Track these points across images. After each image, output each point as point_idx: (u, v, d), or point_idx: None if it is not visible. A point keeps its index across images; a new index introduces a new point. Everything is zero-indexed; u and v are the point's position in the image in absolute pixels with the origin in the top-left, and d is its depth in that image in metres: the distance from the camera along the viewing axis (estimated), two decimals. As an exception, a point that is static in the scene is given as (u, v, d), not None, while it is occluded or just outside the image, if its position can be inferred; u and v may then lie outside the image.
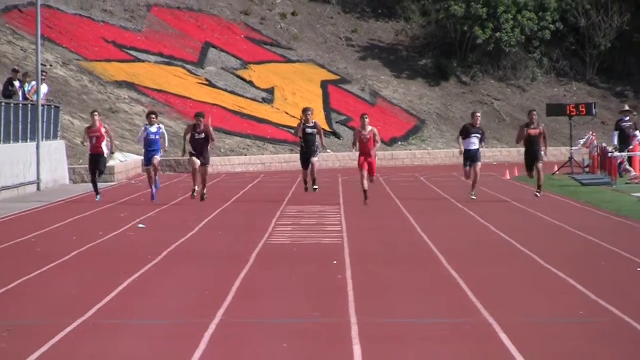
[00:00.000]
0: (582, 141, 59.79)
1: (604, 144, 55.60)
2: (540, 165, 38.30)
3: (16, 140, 47.06)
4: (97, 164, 41.12)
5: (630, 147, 52.11)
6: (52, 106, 54.71)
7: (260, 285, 21.50)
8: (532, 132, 37.75)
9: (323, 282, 21.73)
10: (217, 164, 65.15)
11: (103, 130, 40.93)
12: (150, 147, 39.70)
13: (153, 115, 40.45)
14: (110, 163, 57.72)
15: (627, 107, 61.28)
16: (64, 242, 28.32)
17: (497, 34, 79.03)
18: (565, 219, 33.01)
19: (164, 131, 40.65)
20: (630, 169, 50.55)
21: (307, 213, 35.43)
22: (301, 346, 15.74)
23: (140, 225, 32.62)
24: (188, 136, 38.38)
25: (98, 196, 41.17)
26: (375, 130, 38.09)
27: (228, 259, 25.02)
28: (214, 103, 72.21)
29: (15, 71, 54.64)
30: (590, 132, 61.47)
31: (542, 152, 38.23)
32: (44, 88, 53.09)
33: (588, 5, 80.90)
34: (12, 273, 22.79)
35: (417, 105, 78.01)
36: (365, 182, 37.74)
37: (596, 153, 55.68)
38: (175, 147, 61.91)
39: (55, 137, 55.11)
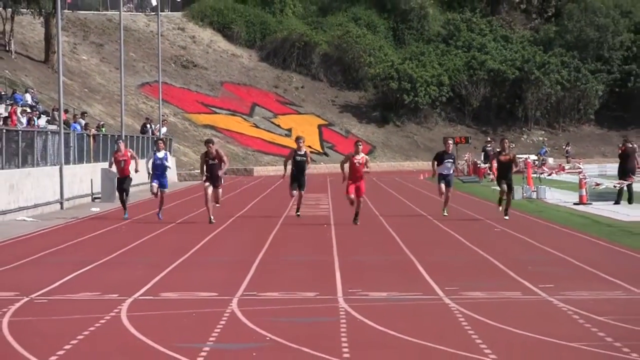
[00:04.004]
0: (465, 157, 60.02)
1: (475, 159, 56.30)
2: (511, 195, 25.72)
3: (144, 158, 47.26)
4: (123, 185, 27.72)
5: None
6: (168, 139, 54.79)
7: (283, 239, 21.50)
8: (504, 158, 25.45)
9: (318, 237, 21.72)
10: (261, 171, 65.12)
11: (129, 154, 28.01)
12: (156, 170, 26.76)
13: (161, 142, 27.65)
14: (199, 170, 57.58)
15: (489, 139, 61.92)
16: (172, 215, 28.29)
17: (416, 98, 78.92)
18: (455, 202, 32.99)
19: (169, 159, 27.84)
20: (491, 173, 50.59)
21: (309, 198, 35.40)
22: (306, 273, 15.76)
23: (217, 205, 32.55)
24: (203, 165, 25.26)
25: (126, 214, 27.26)
26: (367, 157, 24.86)
27: (265, 224, 24.97)
28: (258, 137, 72.33)
29: (147, 119, 54.79)
30: (468, 153, 61.66)
31: (511, 175, 25.76)
32: (164, 129, 53.22)
33: (466, 82, 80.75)
34: (142, 233, 22.79)
35: (371, 138, 77.80)
36: (354, 200, 24.40)
37: (471, 164, 56.59)
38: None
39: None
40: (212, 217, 24.91)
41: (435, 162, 26.50)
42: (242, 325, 11.05)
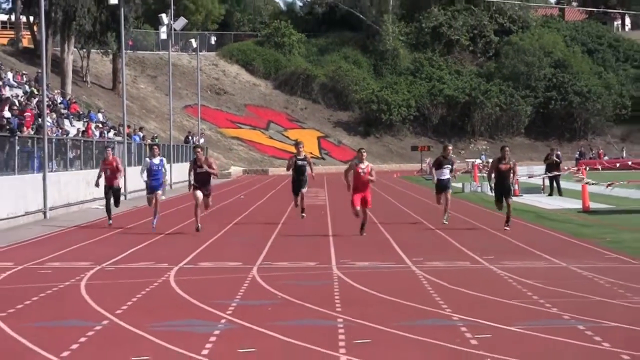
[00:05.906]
0: (427, 160, 59.84)
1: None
2: (510, 200, 18.25)
3: (187, 161, 47.03)
4: (113, 195, 20.48)
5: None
6: (205, 147, 54.56)
7: (289, 223, 21.42)
8: (503, 167, 17.99)
9: (317, 221, 21.66)
10: (274, 172, 64.93)
11: (116, 164, 20.30)
12: (152, 177, 19.44)
13: (156, 148, 20.17)
14: (229, 170, 57.31)
15: (450, 148, 61.38)
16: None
17: (390, 117, 78.78)
18: (425, 196, 32.91)
19: (165, 165, 20.02)
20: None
21: (310, 192, 35.25)
22: (309, 248, 15.71)
23: (242, 197, 32.51)
24: (192, 172, 18.52)
25: (110, 221, 20.54)
26: (372, 165, 18.08)
27: (275, 214, 24.89)
28: (272, 145, 72.22)
29: (189, 132, 54.64)
30: (430, 158, 61.49)
31: (512, 186, 18.73)
32: (202, 140, 53.08)
33: (428, 105, 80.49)
34: (180, 221, 22.73)
35: (357, 146, 77.19)
36: (360, 211, 17.66)
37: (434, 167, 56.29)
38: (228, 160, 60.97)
39: (205, 160, 55.07)
40: (199, 226, 18.62)
41: (434, 169, 20.55)
42: (260, 286, 11.05)
